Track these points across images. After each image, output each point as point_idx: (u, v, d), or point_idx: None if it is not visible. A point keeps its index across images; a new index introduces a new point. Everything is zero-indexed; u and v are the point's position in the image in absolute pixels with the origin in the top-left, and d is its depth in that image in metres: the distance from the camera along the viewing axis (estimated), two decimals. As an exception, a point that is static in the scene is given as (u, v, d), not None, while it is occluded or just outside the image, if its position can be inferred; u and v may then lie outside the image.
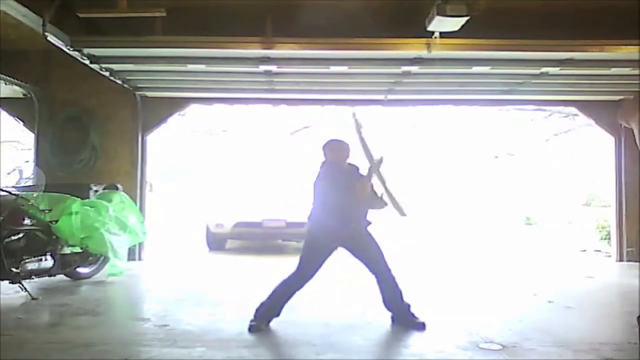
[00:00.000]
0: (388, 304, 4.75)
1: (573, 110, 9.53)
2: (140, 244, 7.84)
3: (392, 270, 4.74)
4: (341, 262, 4.90)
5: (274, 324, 4.60)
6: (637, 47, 5.83)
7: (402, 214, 4.77)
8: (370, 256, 4.71)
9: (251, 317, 4.58)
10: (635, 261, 8.30)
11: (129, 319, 5.23)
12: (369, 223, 4.73)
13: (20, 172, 11.44)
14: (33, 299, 5.56)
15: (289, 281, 4.65)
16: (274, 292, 4.65)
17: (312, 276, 4.63)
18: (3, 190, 6.08)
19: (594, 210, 13.98)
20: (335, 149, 4.78)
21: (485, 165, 18.56)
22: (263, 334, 4.46)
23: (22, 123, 8.37)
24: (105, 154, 8.11)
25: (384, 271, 4.71)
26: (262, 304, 4.62)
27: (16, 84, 7.57)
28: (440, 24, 5.21)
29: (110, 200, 6.74)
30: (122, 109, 8.17)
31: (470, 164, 18.25)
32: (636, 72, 6.73)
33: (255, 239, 10.16)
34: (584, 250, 10.20)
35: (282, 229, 9.16)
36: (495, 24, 5.55)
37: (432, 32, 5.58)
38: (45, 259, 5.94)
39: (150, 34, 5.93)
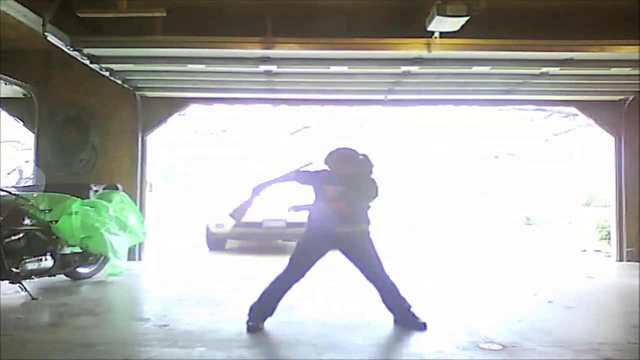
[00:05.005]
0: (389, 306, 4.74)
1: (573, 110, 9.52)
2: (140, 244, 7.83)
3: (389, 276, 4.69)
4: (340, 262, 4.89)
5: (274, 323, 4.59)
6: (637, 47, 5.84)
7: None
8: (366, 260, 4.65)
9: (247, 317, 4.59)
10: (635, 261, 8.30)
11: (129, 319, 5.23)
12: (369, 222, 4.71)
13: (20, 172, 11.47)
14: (33, 299, 5.56)
15: (278, 280, 4.62)
16: (264, 292, 4.63)
17: (302, 276, 4.59)
18: (3, 190, 6.08)
19: (594, 210, 13.98)
20: (338, 161, 4.67)
21: (485, 165, 18.56)
22: (262, 333, 4.46)
23: (22, 123, 8.38)
24: (105, 154, 8.11)
25: (382, 279, 4.67)
26: (253, 305, 4.61)
27: (16, 84, 7.57)
28: (440, 24, 5.21)
29: (110, 200, 6.74)
30: (122, 109, 8.17)
31: (470, 164, 18.24)
32: (636, 72, 6.73)
33: (255, 239, 10.16)
34: (584, 250, 10.20)
35: (282, 229, 9.16)
36: (495, 24, 5.56)
37: (432, 32, 5.58)
38: (45, 259, 5.93)
39: (150, 34, 5.94)
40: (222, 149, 16.52)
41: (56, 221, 6.02)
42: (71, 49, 5.98)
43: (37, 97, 7.99)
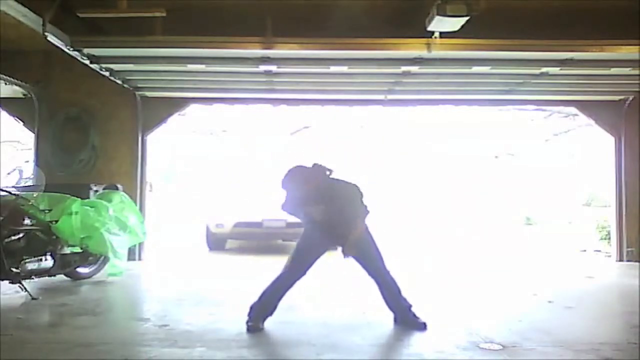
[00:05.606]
0: (390, 305, 4.75)
1: (573, 110, 9.53)
2: (140, 244, 7.83)
3: (390, 272, 4.72)
4: (340, 262, 4.90)
5: (274, 324, 4.60)
6: (637, 47, 5.84)
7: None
8: (368, 257, 4.66)
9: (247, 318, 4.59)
10: (635, 261, 8.30)
11: (129, 319, 5.24)
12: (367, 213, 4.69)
13: (20, 172, 11.47)
14: (33, 299, 5.56)
15: (279, 280, 4.63)
16: (264, 292, 4.63)
17: (303, 274, 4.60)
18: (3, 190, 6.09)
19: (594, 210, 13.98)
20: (299, 180, 4.60)
21: (485, 165, 18.56)
22: (262, 333, 4.46)
23: (22, 123, 8.38)
24: (105, 154, 8.11)
25: (382, 274, 4.69)
26: (253, 305, 4.61)
27: (16, 84, 7.57)
28: (440, 24, 5.22)
29: (110, 200, 6.74)
30: (122, 109, 8.17)
31: (470, 164, 18.24)
32: (636, 72, 6.74)
33: (255, 239, 10.16)
34: (584, 250, 10.20)
35: (282, 229, 9.15)
36: (495, 24, 5.56)
37: (432, 32, 5.58)
38: (45, 259, 5.93)
39: (150, 34, 5.94)
40: (222, 149, 16.53)
41: (56, 221, 6.02)
42: (71, 49, 5.98)
43: (37, 97, 7.99)
